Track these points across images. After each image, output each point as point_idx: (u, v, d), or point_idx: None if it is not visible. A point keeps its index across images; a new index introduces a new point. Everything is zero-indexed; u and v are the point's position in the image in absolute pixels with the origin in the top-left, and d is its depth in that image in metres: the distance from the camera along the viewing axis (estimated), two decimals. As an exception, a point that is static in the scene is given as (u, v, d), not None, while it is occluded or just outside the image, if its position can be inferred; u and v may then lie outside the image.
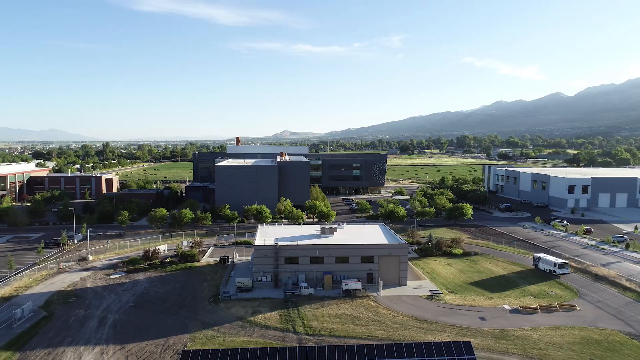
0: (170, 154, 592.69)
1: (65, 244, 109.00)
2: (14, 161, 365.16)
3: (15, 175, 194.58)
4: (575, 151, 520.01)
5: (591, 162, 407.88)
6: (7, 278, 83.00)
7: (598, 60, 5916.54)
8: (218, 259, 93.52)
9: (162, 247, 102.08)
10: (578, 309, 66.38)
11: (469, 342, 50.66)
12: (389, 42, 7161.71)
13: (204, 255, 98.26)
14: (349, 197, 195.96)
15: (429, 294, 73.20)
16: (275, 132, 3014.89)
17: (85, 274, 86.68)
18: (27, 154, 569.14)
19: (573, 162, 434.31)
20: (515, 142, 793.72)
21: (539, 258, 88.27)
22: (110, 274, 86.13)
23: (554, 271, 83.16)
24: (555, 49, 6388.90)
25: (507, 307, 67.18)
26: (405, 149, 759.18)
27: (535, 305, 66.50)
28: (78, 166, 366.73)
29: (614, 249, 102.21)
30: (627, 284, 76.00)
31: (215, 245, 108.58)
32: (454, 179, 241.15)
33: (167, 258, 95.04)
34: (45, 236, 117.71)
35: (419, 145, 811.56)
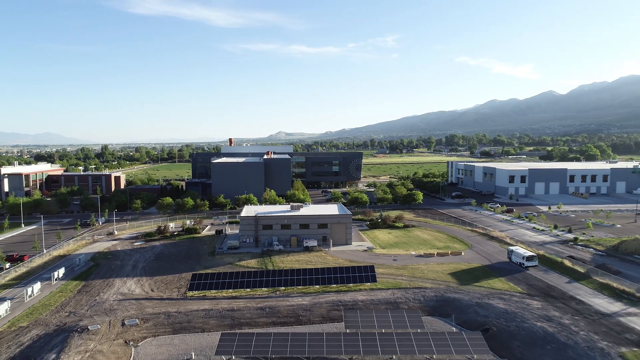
0: (167, 155, 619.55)
1: (93, 224, 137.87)
2: (18, 164, 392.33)
3: (36, 174, 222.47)
4: (550, 148, 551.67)
5: (563, 158, 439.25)
6: (59, 244, 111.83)
7: (591, 59, 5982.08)
8: (214, 231, 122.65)
9: (171, 225, 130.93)
10: (463, 254, 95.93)
11: (373, 265, 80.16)
12: (384, 43, 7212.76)
13: (203, 230, 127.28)
14: (328, 189, 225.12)
15: (365, 249, 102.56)
16: (271, 133, 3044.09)
17: (114, 242, 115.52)
18: (27, 157, 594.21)
19: (547, 158, 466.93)
20: (502, 141, 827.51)
21: (512, 251, 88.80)
22: (133, 242, 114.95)
23: (523, 264, 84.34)
24: (550, 47, 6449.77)
25: (414, 253, 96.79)
26: (394, 148, 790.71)
27: (433, 252, 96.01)
28: (82, 167, 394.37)
29: (520, 221, 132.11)
30: (508, 240, 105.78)
31: (212, 224, 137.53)
32: (424, 174, 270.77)
33: (175, 232, 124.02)
34: (74, 221, 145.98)
35: (409, 144, 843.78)
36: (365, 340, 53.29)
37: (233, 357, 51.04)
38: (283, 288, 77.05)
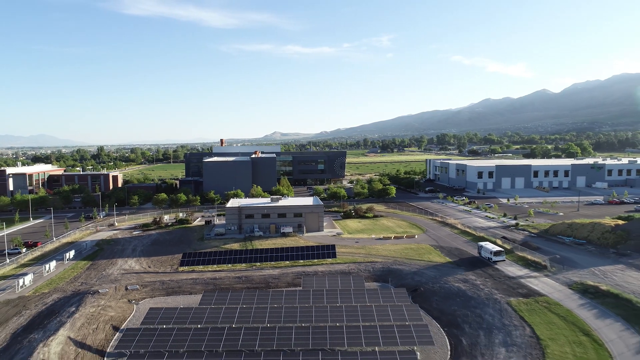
0: (162, 156, 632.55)
1: (95, 217, 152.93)
2: (22, 164, 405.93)
3: (38, 174, 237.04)
4: (534, 146, 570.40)
5: (544, 156, 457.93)
6: (66, 234, 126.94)
7: (584, 58, 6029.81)
8: (204, 222, 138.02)
9: (166, 217, 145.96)
10: (416, 237, 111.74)
11: (334, 245, 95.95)
12: (378, 42, 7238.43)
13: (194, 221, 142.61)
14: (313, 186, 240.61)
15: (335, 234, 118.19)
16: (266, 134, 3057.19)
17: (115, 232, 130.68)
18: (22, 158, 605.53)
19: (530, 156, 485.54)
20: (492, 139, 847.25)
21: (481, 247, 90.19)
22: (132, 232, 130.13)
23: (491, 259, 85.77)
24: (543, 46, 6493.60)
25: (374, 237, 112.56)
26: (386, 147, 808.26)
27: (391, 236, 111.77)
28: (79, 168, 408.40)
29: (477, 211, 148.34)
30: (459, 226, 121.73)
31: (202, 216, 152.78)
32: (405, 171, 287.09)
33: (169, 223, 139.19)
34: (77, 215, 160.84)
35: (401, 143, 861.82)
36: (315, 295, 68.95)
37: (212, 305, 66.42)
38: (259, 263, 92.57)
